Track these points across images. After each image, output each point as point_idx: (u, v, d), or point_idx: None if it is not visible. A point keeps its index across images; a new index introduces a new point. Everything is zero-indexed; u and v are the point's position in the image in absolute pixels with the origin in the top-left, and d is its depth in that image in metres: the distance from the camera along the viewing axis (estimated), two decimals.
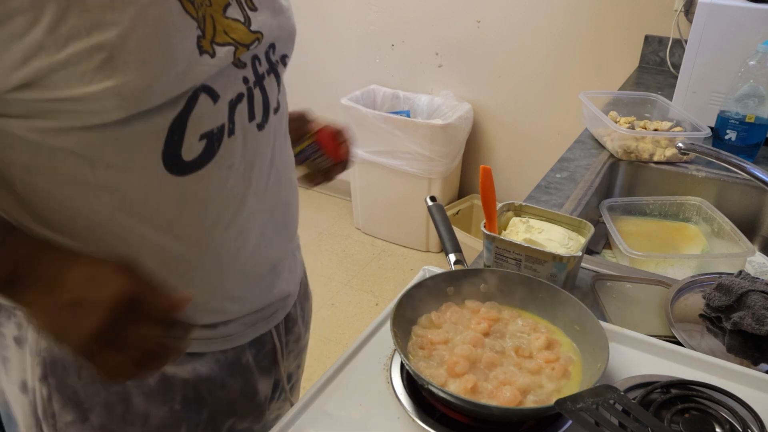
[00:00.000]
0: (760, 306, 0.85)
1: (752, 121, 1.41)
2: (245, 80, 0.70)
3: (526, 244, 0.88)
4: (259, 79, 0.72)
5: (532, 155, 2.71)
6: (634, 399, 0.67)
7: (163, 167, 0.64)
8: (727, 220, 1.22)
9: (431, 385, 0.67)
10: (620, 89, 2.03)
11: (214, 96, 0.65)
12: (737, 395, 0.70)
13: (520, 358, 0.75)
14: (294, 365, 0.98)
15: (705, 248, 1.25)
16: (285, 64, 0.79)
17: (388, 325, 0.77)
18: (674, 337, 0.85)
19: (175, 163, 0.64)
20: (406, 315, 0.78)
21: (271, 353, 0.89)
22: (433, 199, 1.02)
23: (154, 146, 0.63)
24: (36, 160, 0.62)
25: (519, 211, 1.00)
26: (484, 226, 0.92)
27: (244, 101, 0.70)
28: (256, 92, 0.72)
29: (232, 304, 0.79)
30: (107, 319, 0.57)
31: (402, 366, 0.76)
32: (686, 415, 0.67)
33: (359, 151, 2.75)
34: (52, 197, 0.65)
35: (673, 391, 0.71)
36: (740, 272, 0.94)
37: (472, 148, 2.84)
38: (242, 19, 0.68)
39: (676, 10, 2.19)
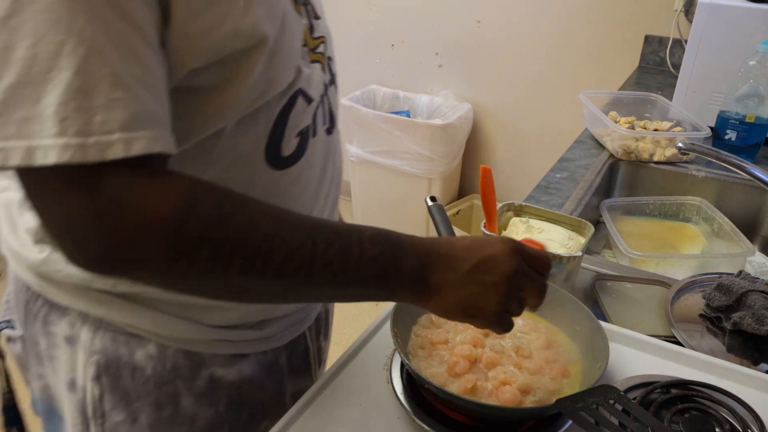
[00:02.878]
0: (760, 306, 0.85)
1: (752, 121, 1.41)
2: (324, 87, 0.76)
3: None
4: (326, 87, 0.77)
5: (532, 155, 2.70)
6: (634, 399, 0.67)
7: (264, 160, 0.68)
8: (727, 220, 1.22)
9: (431, 385, 0.67)
10: (620, 89, 2.03)
11: (308, 99, 0.71)
12: (737, 395, 0.70)
13: (520, 358, 0.75)
14: (323, 368, 1.00)
15: (705, 248, 1.25)
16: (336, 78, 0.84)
17: (388, 325, 0.77)
18: (674, 337, 0.85)
19: (275, 156, 0.69)
20: (406, 315, 0.78)
21: (303, 354, 0.89)
22: (433, 199, 1.01)
23: (260, 139, 0.67)
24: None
25: (519, 211, 1.00)
26: (484, 226, 0.92)
27: (321, 107, 0.75)
28: (325, 99, 0.77)
29: (282, 304, 0.80)
30: (508, 291, 0.61)
31: (402, 366, 0.76)
32: (686, 415, 0.67)
33: (359, 151, 2.75)
34: None
35: (673, 391, 0.71)
36: (740, 272, 0.94)
37: (472, 148, 2.84)
38: (308, 26, 0.73)
39: (676, 10, 2.19)
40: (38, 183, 0.51)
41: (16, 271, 0.76)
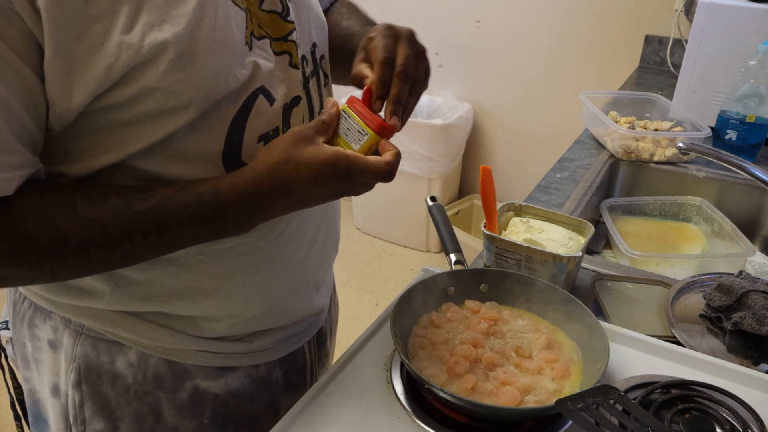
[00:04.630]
0: (761, 306, 0.85)
1: (752, 121, 1.40)
2: (301, 82, 0.70)
3: (526, 244, 0.88)
4: (306, 82, 0.72)
5: (533, 155, 2.70)
6: (634, 399, 0.67)
7: (224, 168, 0.64)
8: (727, 220, 1.22)
9: (431, 385, 0.66)
10: (620, 89, 2.03)
11: (270, 98, 0.66)
12: (737, 395, 0.69)
13: (520, 358, 0.75)
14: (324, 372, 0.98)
15: (705, 248, 1.25)
16: (323, 67, 0.78)
17: (388, 325, 0.77)
18: (674, 337, 0.85)
19: (235, 164, 0.64)
20: (406, 315, 0.78)
21: (302, 370, 0.87)
22: (433, 199, 1.01)
23: (216, 146, 0.63)
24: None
25: (519, 211, 1.00)
26: (484, 226, 0.92)
27: (300, 104, 0.70)
28: (303, 95, 0.72)
29: (273, 316, 0.78)
30: (342, 187, 0.63)
31: (402, 366, 0.76)
32: (686, 416, 0.67)
33: None
34: None
35: (674, 391, 0.71)
36: (740, 272, 0.93)
37: (472, 148, 2.84)
38: (279, 9, 0.68)
39: (676, 10, 2.19)
40: None
41: None
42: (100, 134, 0.59)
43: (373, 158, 0.63)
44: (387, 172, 0.63)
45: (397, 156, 0.64)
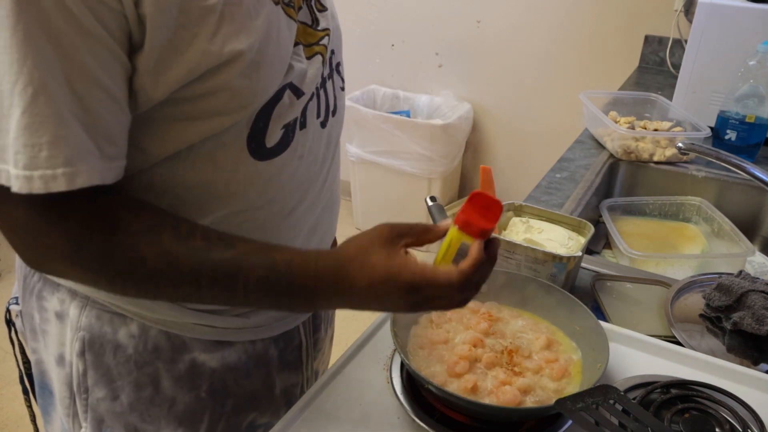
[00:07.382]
0: (760, 306, 0.85)
1: (752, 121, 1.41)
2: (321, 80, 0.76)
3: (526, 244, 0.88)
4: (323, 82, 0.77)
5: (532, 155, 2.71)
6: (634, 399, 0.67)
7: (247, 150, 0.68)
8: (727, 220, 1.22)
9: (431, 384, 0.67)
10: (620, 89, 2.03)
11: (298, 93, 0.71)
12: (737, 395, 0.70)
13: (519, 357, 0.75)
14: (321, 362, 1.00)
15: (705, 248, 1.25)
16: (340, 72, 0.84)
17: (388, 325, 0.77)
18: (674, 337, 0.86)
19: (258, 147, 0.69)
20: (406, 315, 0.78)
21: (297, 350, 0.90)
22: (433, 199, 1.01)
23: (241, 131, 0.67)
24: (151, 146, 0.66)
25: (519, 211, 1.00)
26: None
27: (314, 99, 0.75)
28: (321, 93, 0.77)
29: None
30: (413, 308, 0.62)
31: (402, 366, 0.76)
32: (686, 415, 0.67)
33: (359, 151, 2.75)
34: (150, 179, 0.68)
35: (673, 391, 0.71)
36: (740, 272, 0.94)
37: (472, 148, 2.84)
38: (309, 22, 0.73)
39: (676, 10, 2.19)
40: None
41: None
42: (161, 127, 0.63)
43: (444, 268, 0.59)
44: (459, 284, 0.58)
45: (478, 264, 0.59)
